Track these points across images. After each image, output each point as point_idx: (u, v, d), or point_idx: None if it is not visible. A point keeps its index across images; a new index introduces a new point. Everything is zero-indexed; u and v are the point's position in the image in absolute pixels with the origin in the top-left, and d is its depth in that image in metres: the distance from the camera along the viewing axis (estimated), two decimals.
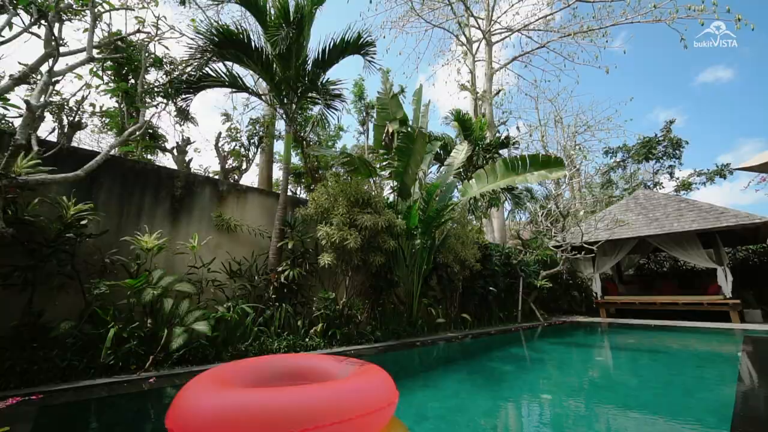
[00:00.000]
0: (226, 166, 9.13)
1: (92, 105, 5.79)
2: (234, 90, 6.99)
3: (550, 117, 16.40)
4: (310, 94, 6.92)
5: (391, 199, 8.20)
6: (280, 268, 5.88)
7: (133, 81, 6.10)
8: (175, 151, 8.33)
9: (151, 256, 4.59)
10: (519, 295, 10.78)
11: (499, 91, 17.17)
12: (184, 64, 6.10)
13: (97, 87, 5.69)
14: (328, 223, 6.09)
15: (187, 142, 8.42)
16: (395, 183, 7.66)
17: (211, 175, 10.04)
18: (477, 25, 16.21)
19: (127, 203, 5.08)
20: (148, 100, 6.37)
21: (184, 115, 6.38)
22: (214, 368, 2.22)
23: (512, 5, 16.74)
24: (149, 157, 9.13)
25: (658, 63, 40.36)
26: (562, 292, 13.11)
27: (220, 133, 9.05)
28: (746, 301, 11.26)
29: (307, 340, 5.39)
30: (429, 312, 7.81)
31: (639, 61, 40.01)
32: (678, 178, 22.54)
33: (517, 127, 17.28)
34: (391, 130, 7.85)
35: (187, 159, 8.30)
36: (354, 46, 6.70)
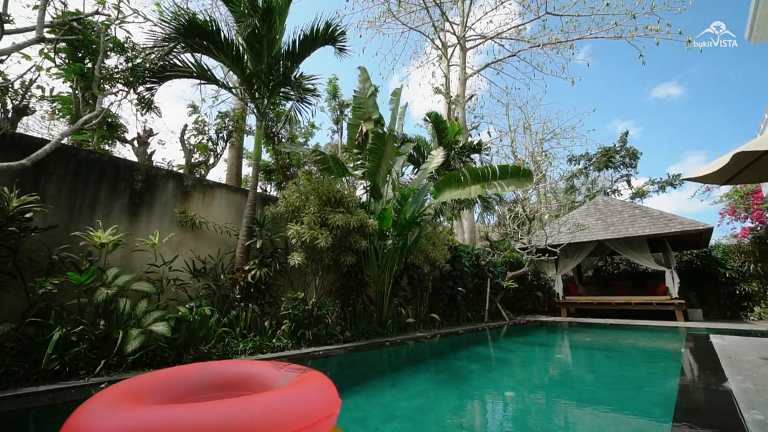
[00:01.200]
0: (192, 161, 8.74)
1: (41, 88, 5.35)
2: (202, 81, 6.71)
3: (520, 123, 17.04)
4: (282, 89, 6.76)
5: (363, 199, 8.18)
6: (247, 267, 5.71)
7: (90, 65, 5.69)
8: (136, 142, 7.87)
9: (105, 253, 4.30)
10: (487, 295, 11.10)
11: (472, 96, 17.61)
12: (147, 51, 5.77)
13: (48, 69, 5.26)
14: (298, 222, 5.98)
15: (149, 133, 7.98)
16: (368, 183, 7.65)
17: (175, 169, 9.58)
18: (452, 31, 16.53)
19: (80, 196, 4.73)
20: (107, 86, 5.98)
21: (146, 105, 6.04)
22: (128, 380, 1.93)
23: (486, 13, 17.21)
24: (107, 147, 8.57)
25: (617, 77, 43.02)
26: (527, 292, 13.64)
27: (186, 126, 8.65)
28: (690, 301, 12.21)
29: (274, 341, 5.26)
30: (399, 312, 7.87)
31: (601, 75, 42.41)
32: (634, 187, 24.09)
33: (489, 132, 17.80)
34: (365, 130, 7.83)
35: (149, 151, 7.86)
36: (324, 36, 6.57)
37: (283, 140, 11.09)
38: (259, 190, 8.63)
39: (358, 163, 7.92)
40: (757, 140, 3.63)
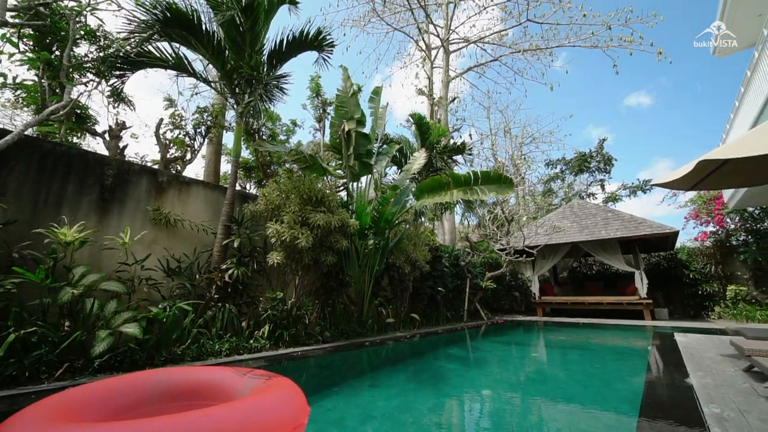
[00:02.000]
0: (168, 156, 8.45)
1: (2, 75, 5.02)
2: (180, 73, 6.50)
3: (500, 127, 17.38)
4: (263, 86, 6.64)
5: (345, 198, 8.14)
6: (224, 267, 5.57)
7: (58, 53, 5.40)
8: (107, 135, 7.53)
9: (71, 251, 4.09)
10: (466, 296, 11.26)
11: (455, 98, 17.83)
12: (122, 39, 5.53)
13: (11, 56, 4.96)
14: (278, 221, 5.88)
15: (121, 126, 7.66)
16: (346, 181, 7.62)
17: (149, 164, 9.23)
18: (436, 33, 16.68)
19: (45, 191, 4.49)
20: (76, 76, 5.70)
21: (118, 96, 5.78)
22: (70, 390, 1.70)
23: (469, 17, 17.46)
24: (75, 140, 8.17)
25: (593, 85, 44.61)
26: (505, 292, 13.93)
27: (161, 120, 8.34)
28: (657, 301, 12.81)
29: (251, 341, 5.15)
30: (379, 312, 7.87)
31: (578, 82, 43.88)
32: (607, 191, 25.01)
33: (470, 135, 18.06)
34: (347, 129, 7.79)
35: (121, 145, 7.54)
36: (313, 42, 6.56)
37: (263, 137, 10.89)
38: (238, 188, 8.44)
39: (340, 162, 7.87)
40: (718, 149, 3.84)
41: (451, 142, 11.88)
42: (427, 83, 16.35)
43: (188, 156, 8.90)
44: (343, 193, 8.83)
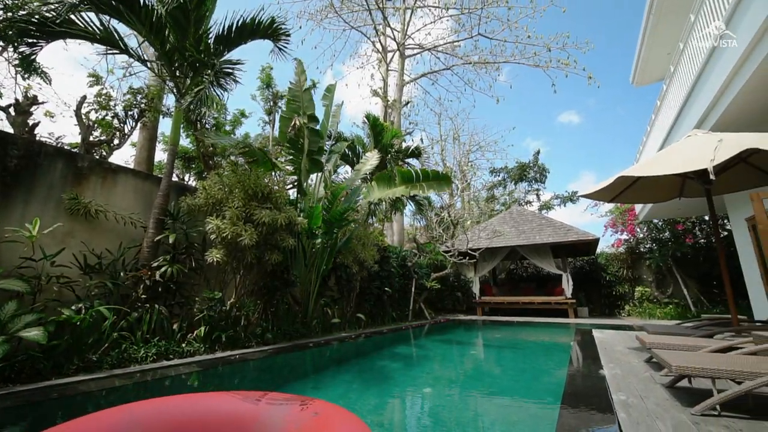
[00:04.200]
0: (91, 139, 7.52)
1: None
2: (109, 49, 5.82)
3: (450, 134, 18.06)
4: (208, 71, 6.20)
5: (293, 195, 7.90)
6: (155, 264, 5.09)
7: None
8: (12, 110, 6.51)
9: None
10: (411, 295, 11.53)
11: (408, 102, 18.17)
12: (36, 2, 4.81)
13: None
14: (220, 216, 5.52)
15: (32, 101, 6.66)
16: (296, 178, 7.41)
17: (67, 146, 8.15)
18: (393, 36, 16.89)
19: None
20: None
21: (29, 66, 5.02)
22: None
23: (425, 25, 17.94)
24: None
25: (533, 100, 48.44)
26: (449, 292, 14.51)
27: (84, 98, 7.40)
28: (579, 300, 14.20)
29: (183, 345, 4.77)
30: (325, 312, 7.75)
31: (520, 97, 47.39)
32: (542, 199, 27.25)
33: (422, 139, 18.54)
34: (298, 124, 7.56)
35: (31, 122, 6.56)
36: (266, 30, 6.27)
37: (206, 126, 10.17)
38: (175, 179, 7.80)
39: (290, 158, 7.61)
40: (632, 168, 4.37)
41: (404, 145, 12.11)
42: (382, 85, 16.49)
43: (116, 141, 8.01)
44: (293, 191, 8.57)
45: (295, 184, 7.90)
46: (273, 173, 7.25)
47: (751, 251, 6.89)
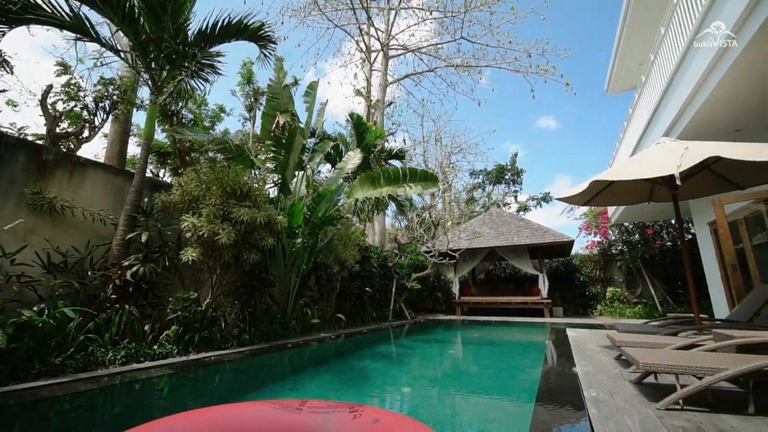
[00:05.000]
0: (57, 130, 7.14)
1: None
2: (80, 37, 5.54)
3: (432, 135, 18.25)
4: (187, 62, 6.00)
5: (274, 194, 7.77)
6: (126, 263, 4.88)
7: None
8: None
9: None
10: (392, 296, 11.56)
11: (391, 102, 18.24)
12: None
13: None
14: (196, 214, 5.36)
15: None
16: (279, 177, 7.29)
17: (30, 138, 7.70)
18: (377, 36, 16.89)
19: None
20: None
21: None
22: None
23: (409, 26, 18.04)
24: None
25: (512, 104, 49.62)
26: (429, 292, 14.64)
27: (51, 87, 7.00)
28: (554, 300, 14.64)
29: (155, 347, 4.60)
30: (305, 312, 7.65)
31: (501, 100, 48.53)
32: (519, 201, 27.93)
33: (404, 140, 18.62)
34: (281, 122, 7.44)
35: None
36: (252, 33, 6.14)
37: (184, 121, 9.86)
38: (149, 174, 7.52)
39: (270, 155, 7.48)
40: (605, 172, 4.54)
41: (387, 146, 12.12)
42: (366, 85, 16.47)
43: (86, 133, 7.63)
44: (273, 189, 8.42)
45: (276, 182, 7.77)
46: (253, 171, 7.10)
47: (713, 253, 7.29)
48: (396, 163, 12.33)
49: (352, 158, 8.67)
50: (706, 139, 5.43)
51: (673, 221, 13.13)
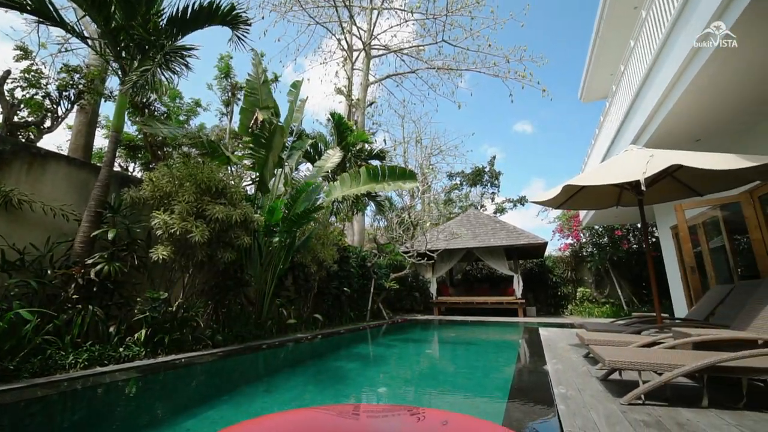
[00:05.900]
0: (15, 119, 6.69)
1: None
2: (42, 20, 5.22)
3: (413, 136, 18.35)
4: (164, 54, 5.77)
5: (251, 191, 7.59)
6: (90, 261, 4.64)
7: None
8: None
9: None
10: (370, 296, 11.55)
11: (372, 102, 18.22)
12: None
13: None
14: (168, 211, 5.16)
15: None
16: (257, 175, 7.14)
17: None
18: (359, 36, 16.83)
19: None
20: None
21: None
22: None
23: (391, 27, 18.09)
24: None
25: (491, 108, 50.78)
26: (407, 292, 14.73)
27: (8, 72, 6.56)
28: (528, 300, 15.07)
29: (121, 350, 4.39)
30: (281, 313, 7.52)
31: (479, 104, 49.57)
32: (496, 203, 28.59)
33: (384, 140, 18.64)
34: (261, 119, 7.28)
35: None
36: (224, 16, 5.96)
37: (156, 113, 9.47)
38: (117, 168, 7.18)
39: (248, 152, 7.31)
40: (577, 177, 4.71)
41: (367, 146, 12.10)
42: (347, 83, 16.38)
43: (48, 123, 7.19)
44: (251, 186, 8.22)
45: (254, 180, 7.60)
46: (229, 167, 6.91)
47: (674, 256, 7.72)
48: (376, 163, 12.34)
49: (332, 156, 8.60)
50: (670, 147, 5.74)
51: (639, 225, 13.81)
